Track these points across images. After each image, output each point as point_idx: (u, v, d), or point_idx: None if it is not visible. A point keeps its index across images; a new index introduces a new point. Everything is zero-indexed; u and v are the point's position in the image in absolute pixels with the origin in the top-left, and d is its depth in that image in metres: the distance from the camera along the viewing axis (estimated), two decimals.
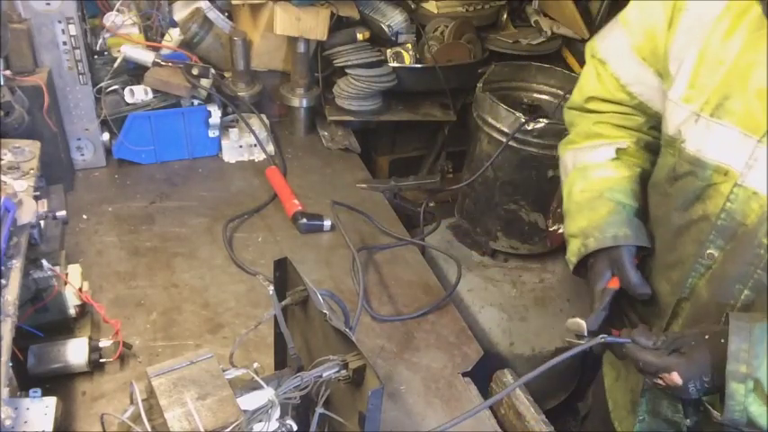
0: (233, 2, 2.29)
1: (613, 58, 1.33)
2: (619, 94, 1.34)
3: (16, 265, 1.16)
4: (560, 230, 2.18)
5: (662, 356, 1.09)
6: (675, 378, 1.07)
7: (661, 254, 1.28)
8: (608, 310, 1.23)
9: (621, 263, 1.23)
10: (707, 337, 1.07)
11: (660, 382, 1.11)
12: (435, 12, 2.55)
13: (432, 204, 2.31)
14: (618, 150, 1.33)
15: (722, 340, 1.03)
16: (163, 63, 2.07)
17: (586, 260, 1.30)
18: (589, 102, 1.39)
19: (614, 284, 1.23)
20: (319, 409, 1.04)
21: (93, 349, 1.41)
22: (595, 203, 1.29)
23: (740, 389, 1.02)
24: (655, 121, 1.33)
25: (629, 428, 1.41)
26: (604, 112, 1.37)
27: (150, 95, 2.09)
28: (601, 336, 1.15)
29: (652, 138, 1.36)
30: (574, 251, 1.31)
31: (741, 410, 1.03)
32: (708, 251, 1.15)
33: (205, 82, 2.12)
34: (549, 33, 2.55)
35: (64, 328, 1.45)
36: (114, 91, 2.07)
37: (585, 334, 1.20)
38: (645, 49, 1.26)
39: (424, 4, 2.56)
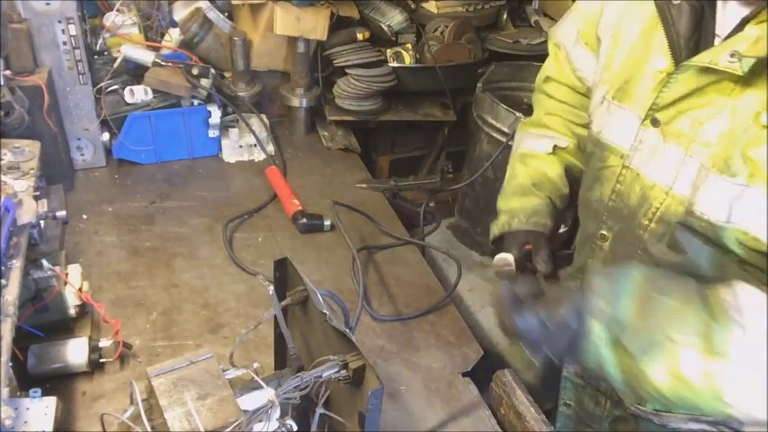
0: (233, 2, 2.29)
1: (566, 44, 1.37)
2: (572, 78, 1.38)
3: (16, 265, 1.16)
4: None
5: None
6: (563, 309, 0.98)
7: (581, 230, 1.35)
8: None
9: (537, 239, 1.31)
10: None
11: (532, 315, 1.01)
12: (435, 12, 2.55)
13: (432, 204, 2.31)
14: (555, 147, 1.39)
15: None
16: (163, 63, 2.07)
17: (503, 236, 1.38)
18: (547, 82, 1.43)
19: (530, 247, 1.32)
20: (319, 409, 1.04)
21: (93, 349, 1.41)
22: (527, 192, 1.37)
23: (595, 327, 0.95)
24: None
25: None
26: (558, 100, 1.41)
27: (150, 95, 2.10)
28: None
29: None
30: (499, 225, 1.38)
31: (596, 353, 0.96)
32: (601, 231, 1.20)
33: (205, 82, 2.12)
34: None
35: (64, 328, 1.45)
36: (114, 91, 2.07)
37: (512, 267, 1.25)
38: (588, 35, 1.29)
39: (424, 4, 2.56)
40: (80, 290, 1.46)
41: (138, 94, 2.08)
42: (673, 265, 1.07)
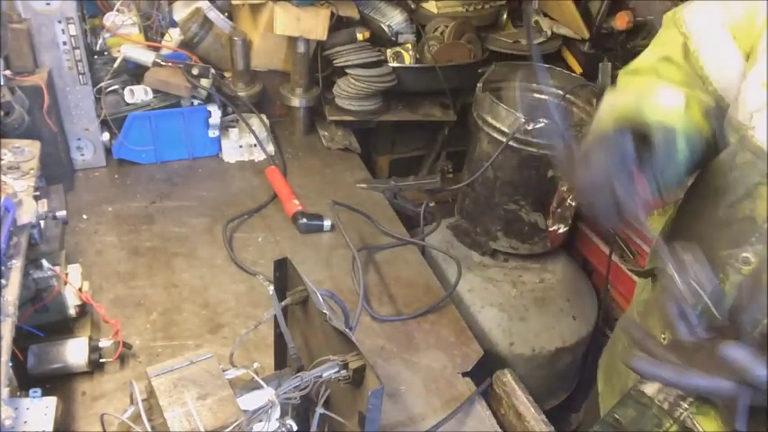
0: (233, 2, 2.29)
1: (700, 33, 1.21)
2: (696, 74, 1.23)
3: (16, 265, 1.16)
4: (560, 230, 2.19)
5: None
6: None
7: (702, 247, 1.20)
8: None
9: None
10: None
11: None
12: (435, 12, 2.55)
13: (432, 204, 2.31)
14: (688, 100, 1.17)
15: None
16: (163, 63, 2.07)
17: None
18: (663, 62, 1.24)
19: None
20: (319, 409, 1.04)
21: (93, 349, 1.41)
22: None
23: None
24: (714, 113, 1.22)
25: None
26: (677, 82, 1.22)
27: (150, 95, 2.09)
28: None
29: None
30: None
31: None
32: (744, 254, 1.08)
33: (205, 82, 2.12)
34: (549, 33, 2.55)
35: (64, 328, 1.45)
36: (114, 91, 2.07)
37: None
38: (740, 27, 1.15)
39: (424, 4, 2.55)
40: (80, 290, 1.46)
41: (138, 94, 2.08)
42: None
